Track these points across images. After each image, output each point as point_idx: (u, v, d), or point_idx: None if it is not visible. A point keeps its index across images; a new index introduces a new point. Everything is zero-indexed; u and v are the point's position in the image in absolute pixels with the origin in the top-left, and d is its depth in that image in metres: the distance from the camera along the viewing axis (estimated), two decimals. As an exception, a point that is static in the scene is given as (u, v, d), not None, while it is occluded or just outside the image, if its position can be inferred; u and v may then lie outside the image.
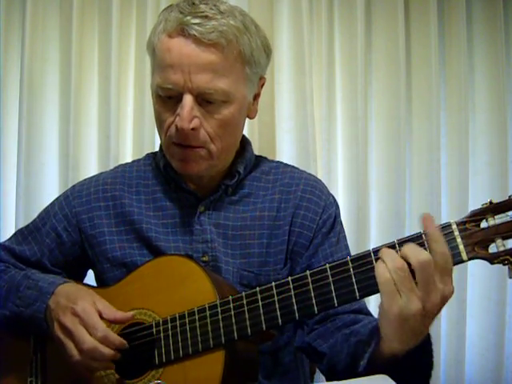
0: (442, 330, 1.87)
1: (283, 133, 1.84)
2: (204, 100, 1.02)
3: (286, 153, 1.83)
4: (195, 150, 1.05)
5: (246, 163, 1.17)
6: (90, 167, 1.80)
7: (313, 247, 1.12)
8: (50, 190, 1.79)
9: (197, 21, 0.99)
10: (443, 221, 2.02)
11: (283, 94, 1.85)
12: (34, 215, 1.24)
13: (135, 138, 1.82)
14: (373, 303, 1.80)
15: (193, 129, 1.02)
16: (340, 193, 1.90)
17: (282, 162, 1.27)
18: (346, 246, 1.17)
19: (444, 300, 0.81)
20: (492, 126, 1.98)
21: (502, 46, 1.96)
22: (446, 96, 1.98)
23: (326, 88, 1.87)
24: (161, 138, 1.11)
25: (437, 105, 1.90)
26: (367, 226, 1.88)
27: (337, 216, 1.17)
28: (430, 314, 0.81)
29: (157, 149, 1.37)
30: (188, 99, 1.01)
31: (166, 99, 1.04)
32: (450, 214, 1.93)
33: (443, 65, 1.98)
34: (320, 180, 1.23)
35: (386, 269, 0.82)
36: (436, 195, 1.87)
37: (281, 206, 1.14)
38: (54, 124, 1.81)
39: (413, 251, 0.82)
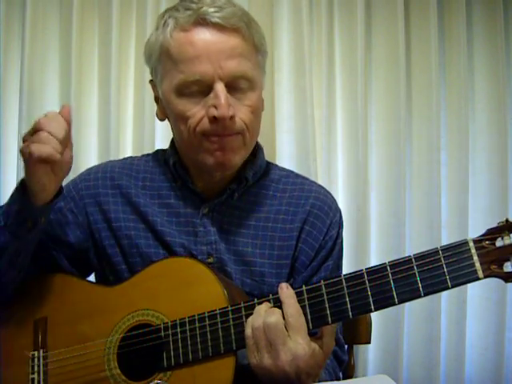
0: (441, 329, 1.87)
1: (283, 133, 1.84)
2: (232, 88, 1.02)
3: (285, 153, 1.83)
4: (232, 137, 1.04)
5: (255, 170, 1.16)
6: (90, 167, 1.80)
7: (310, 269, 1.12)
8: (50, 190, 1.78)
9: (214, 9, 1.00)
10: (443, 221, 2.04)
11: (283, 95, 1.84)
12: (34, 215, 1.23)
13: (135, 138, 1.82)
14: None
15: (231, 117, 1.01)
16: (340, 193, 1.90)
17: (292, 172, 1.26)
18: (339, 267, 1.18)
19: (299, 357, 0.86)
20: (492, 126, 1.98)
21: (502, 46, 1.96)
22: (446, 96, 1.98)
23: (326, 88, 1.87)
24: (182, 139, 1.09)
25: (437, 105, 1.89)
26: (367, 226, 1.88)
27: (338, 237, 1.17)
28: (286, 370, 0.86)
29: (157, 148, 1.37)
30: (221, 87, 1.00)
31: (190, 95, 1.02)
32: (450, 214, 1.93)
33: (443, 65, 1.98)
34: (330, 194, 1.22)
35: (250, 325, 0.89)
36: (436, 195, 1.87)
37: (287, 218, 1.13)
38: (54, 124, 1.81)
39: (263, 313, 0.89)
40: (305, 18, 1.80)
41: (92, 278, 1.23)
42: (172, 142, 1.20)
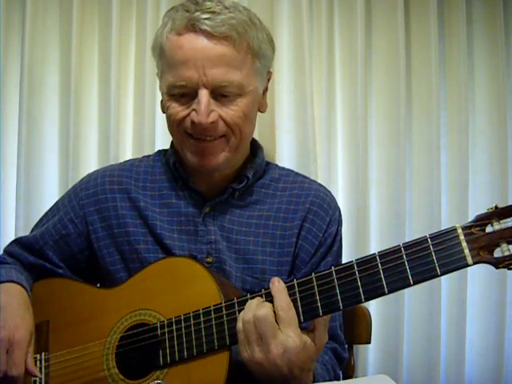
0: (442, 329, 1.87)
1: (283, 133, 1.84)
2: (219, 94, 1.03)
3: (286, 153, 1.83)
4: (212, 142, 1.06)
5: (255, 169, 1.17)
6: (90, 167, 1.79)
7: (310, 266, 1.13)
8: (50, 190, 1.79)
9: (206, 16, 1.01)
10: (443, 221, 2.04)
11: (283, 95, 1.84)
12: (34, 215, 1.24)
13: (135, 138, 1.82)
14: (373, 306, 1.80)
15: (211, 122, 1.03)
16: (340, 193, 1.90)
17: (292, 171, 1.27)
18: (339, 263, 1.19)
19: (290, 350, 0.86)
20: (492, 126, 1.98)
21: (502, 46, 1.96)
22: (446, 96, 1.98)
23: (326, 88, 1.87)
24: (173, 135, 1.12)
25: (437, 105, 1.89)
26: (367, 226, 1.88)
27: (337, 234, 1.18)
28: (277, 363, 0.86)
29: (157, 149, 1.38)
30: (204, 93, 1.02)
31: (179, 97, 1.05)
32: (450, 214, 1.93)
33: (443, 65, 1.97)
34: (329, 192, 1.23)
35: (241, 319, 0.90)
36: (436, 195, 1.87)
37: (288, 216, 1.14)
38: (54, 124, 1.81)
39: (254, 306, 0.89)
40: (305, 18, 1.80)
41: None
42: (172, 142, 1.22)
